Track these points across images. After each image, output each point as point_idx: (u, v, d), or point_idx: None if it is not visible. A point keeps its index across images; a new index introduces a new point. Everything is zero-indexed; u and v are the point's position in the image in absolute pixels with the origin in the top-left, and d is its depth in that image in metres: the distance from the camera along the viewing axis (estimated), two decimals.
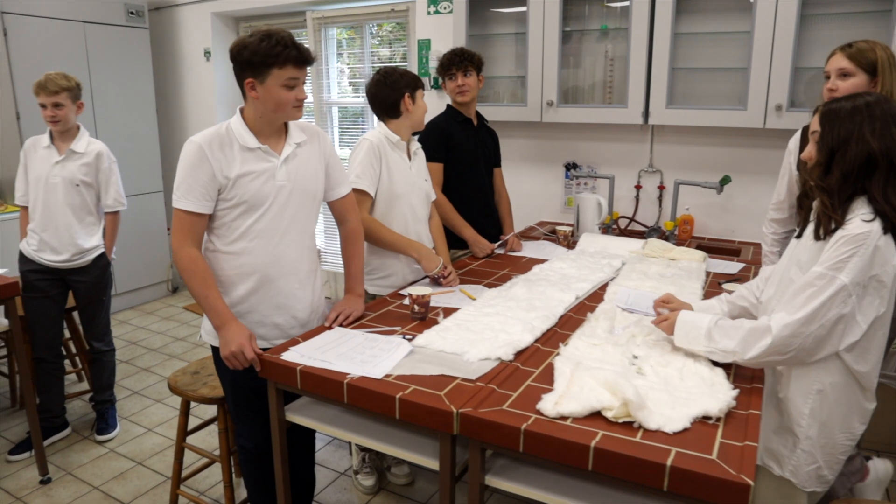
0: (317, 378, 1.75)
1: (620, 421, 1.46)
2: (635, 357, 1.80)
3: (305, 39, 4.97)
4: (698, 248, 3.20)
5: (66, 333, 3.54)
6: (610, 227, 3.50)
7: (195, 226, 1.94)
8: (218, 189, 1.94)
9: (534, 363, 1.82)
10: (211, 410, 3.38)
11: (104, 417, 3.31)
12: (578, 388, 1.57)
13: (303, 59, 1.91)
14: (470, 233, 2.98)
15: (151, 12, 5.33)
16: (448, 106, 3.07)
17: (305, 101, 2.02)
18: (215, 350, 2.05)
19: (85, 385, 3.73)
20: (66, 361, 3.73)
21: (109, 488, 2.93)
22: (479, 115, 3.16)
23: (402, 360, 1.81)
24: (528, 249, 3.15)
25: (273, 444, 1.96)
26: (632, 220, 3.71)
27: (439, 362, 1.80)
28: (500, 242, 3.11)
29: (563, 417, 1.49)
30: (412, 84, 2.53)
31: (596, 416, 1.49)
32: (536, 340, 1.97)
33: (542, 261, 2.91)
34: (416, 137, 2.77)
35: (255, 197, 1.95)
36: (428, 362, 1.80)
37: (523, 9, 3.54)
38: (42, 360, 3.12)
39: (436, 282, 2.53)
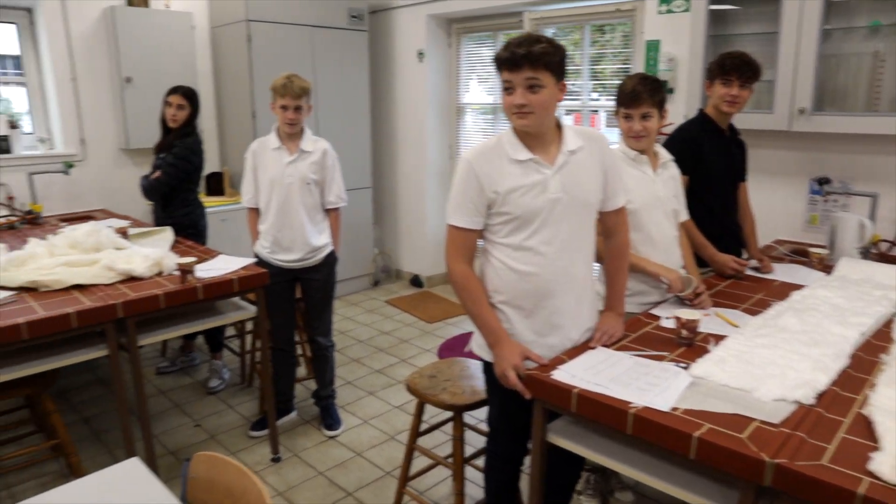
0: (596, 403, 1.65)
1: None
2: None
3: None
4: None
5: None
6: (868, 252, 3.09)
7: (467, 241, 1.92)
8: (488, 204, 1.89)
9: (839, 410, 1.60)
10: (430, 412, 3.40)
11: (329, 412, 3.44)
12: None
13: (509, 61, 1.78)
14: (713, 251, 2.74)
15: (370, 15, 5.55)
16: (701, 112, 2.84)
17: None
18: (486, 364, 2.03)
19: (302, 370, 3.91)
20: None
21: (333, 475, 3.05)
22: (731, 126, 2.90)
23: (685, 392, 1.66)
24: (779, 272, 2.85)
25: (532, 465, 1.89)
26: (893, 244, 3.26)
27: (728, 398, 1.63)
28: (750, 263, 2.85)
29: None
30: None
31: None
32: (833, 382, 1.73)
33: (798, 286, 2.61)
34: (662, 145, 2.58)
35: (526, 211, 1.88)
36: (715, 397, 1.64)
37: (772, 6, 3.22)
38: (279, 349, 3.30)
39: (684, 303, 2.34)
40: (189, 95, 3.65)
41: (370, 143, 5.57)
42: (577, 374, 1.76)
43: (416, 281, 5.82)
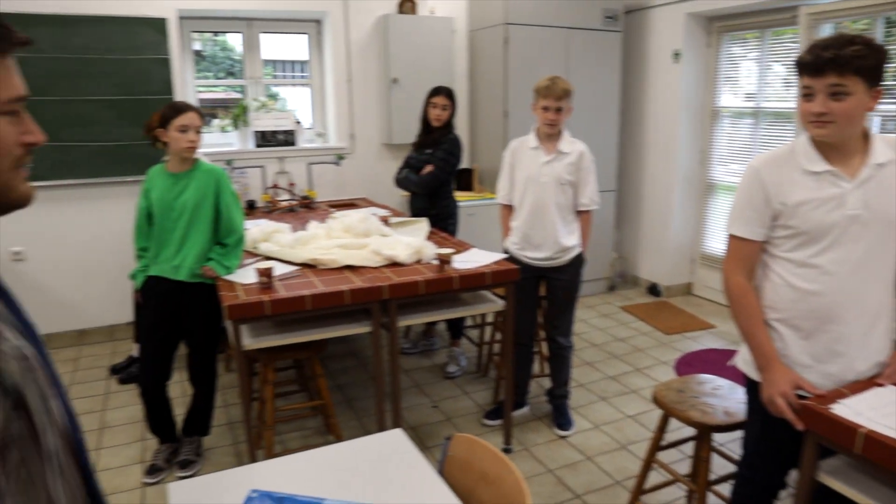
0: (890, 449, 1.44)
1: None
2: None
3: (794, 39, 4.49)
4: None
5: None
6: None
7: (746, 253, 1.80)
8: (773, 216, 1.75)
9: None
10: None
11: (562, 412, 3.45)
12: None
13: (811, 65, 1.61)
14: None
15: (625, 15, 5.43)
16: None
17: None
18: (750, 382, 1.90)
19: (535, 367, 3.96)
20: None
21: (562, 475, 3.04)
22: None
23: None
24: None
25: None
26: None
27: None
28: None
29: None
30: None
31: None
32: None
33: None
34: None
35: (816, 227, 1.70)
36: None
37: None
38: (519, 344, 3.37)
39: None
40: (451, 96, 3.88)
41: (617, 146, 5.46)
42: (863, 412, 1.56)
43: (653, 289, 5.60)
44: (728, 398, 2.36)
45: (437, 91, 3.88)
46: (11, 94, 0.77)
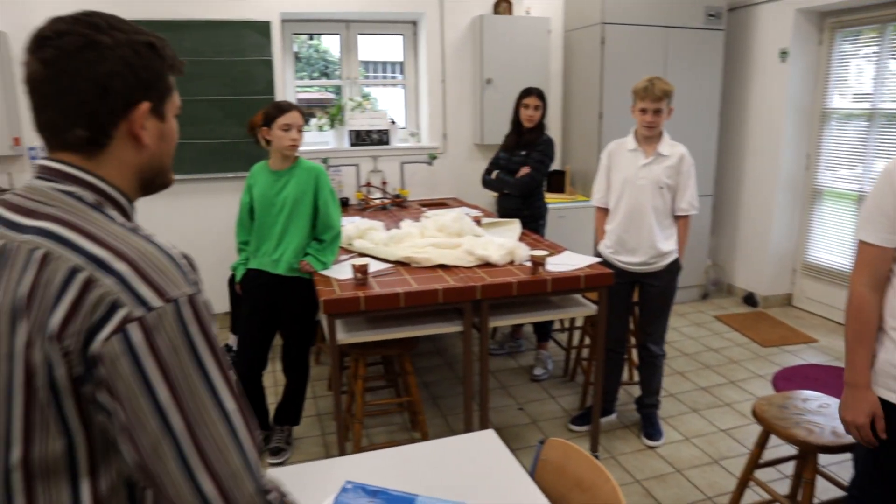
0: None
1: None
2: None
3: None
4: None
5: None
6: None
7: (874, 261, 1.69)
8: None
9: None
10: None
11: (651, 422, 3.36)
12: None
13: None
14: None
15: (729, 13, 5.23)
16: None
17: None
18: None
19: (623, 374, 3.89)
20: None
21: (650, 486, 2.97)
22: None
23: None
24: None
25: None
26: None
27: None
28: None
29: None
30: None
31: None
32: None
33: None
34: None
35: None
36: None
37: None
38: (608, 350, 3.31)
39: None
40: (542, 96, 3.85)
41: (716, 149, 5.27)
42: None
43: (750, 299, 5.37)
44: (836, 418, 2.23)
45: (529, 92, 3.86)
46: (179, 101, 1.03)
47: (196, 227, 4.80)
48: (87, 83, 0.88)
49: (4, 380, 0.80)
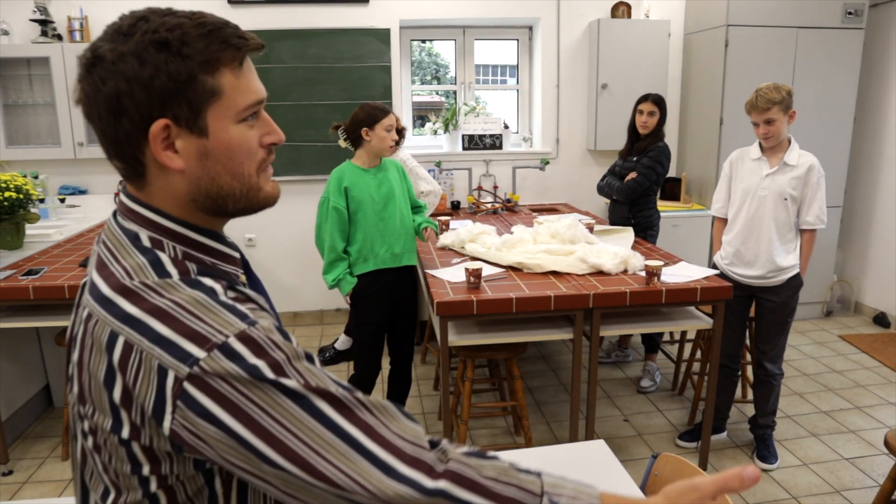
0: None
1: None
2: None
3: None
4: None
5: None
6: None
7: None
8: None
9: None
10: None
11: (766, 443, 3.21)
12: None
13: None
14: None
15: (870, 10, 4.89)
16: None
17: None
18: None
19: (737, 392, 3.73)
20: None
21: None
22: None
23: None
24: None
25: None
26: None
27: None
28: None
29: None
30: None
31: None
32: None
33: None
34: None
35: None
36: None
37: None
38: (723, 365, 3.20)
39: None
40: (659, 102, 3.75)
41: (848, 157, 4.94)
42: None
43: (880, 319, 5.00)
44: None
45: (645, 98, 3.78)
46: (249, 100, 0.82)
47: (309, 226, 4.95)
48: (100, 108, 0.78)
49: None
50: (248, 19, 4.56)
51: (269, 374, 0.72)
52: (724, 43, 4.59)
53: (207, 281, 0.79)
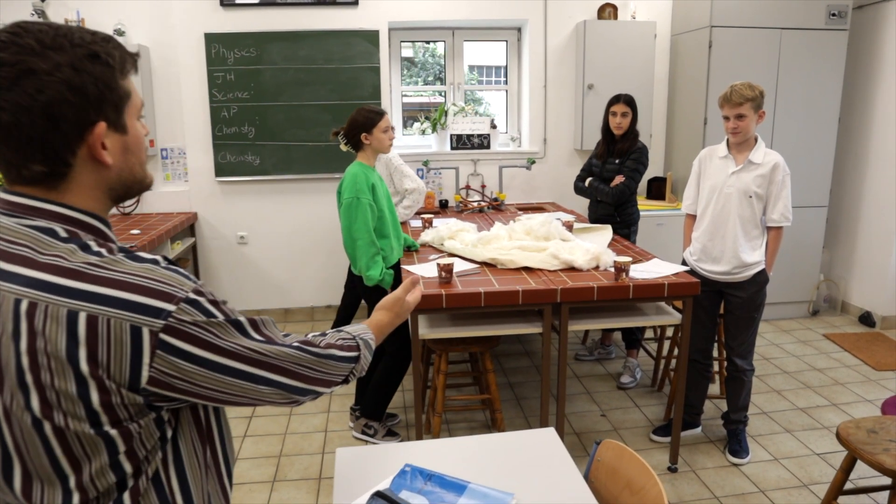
0: None
1: None
2: None
3: None
4: None
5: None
6: None
7: None
8: None
9: None
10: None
11: (737, 438, 3.26)
12: None
13: None
14: None
15: (854, 11, 4.93)
16: None
17: None
18: None
19: (715, 388, 3.79)
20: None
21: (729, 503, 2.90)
22: None
23: None
24: None
25: None
26: None
27: None
28: None
29: None
30: None
31: None
32: None
33: None
34: None
35: None
36: None
37: None
38: (692, 360, 3.25)
39: None
40: (630, 102, 3.81)
41: (833, 158, 4.98)
42: None
43: (866, 318, 5.03)
44: None
45: (616, 99, 3.84)
46: (141, 99, 0.97)
47: (300, 224, 5.09)
48: (32, 116, 0.82)
49: None
50: (240, 21, 4.63)
51: (220, 316, 0.91)
52: (708, 44, 4.64)
53: (145, 254, 0.90)
